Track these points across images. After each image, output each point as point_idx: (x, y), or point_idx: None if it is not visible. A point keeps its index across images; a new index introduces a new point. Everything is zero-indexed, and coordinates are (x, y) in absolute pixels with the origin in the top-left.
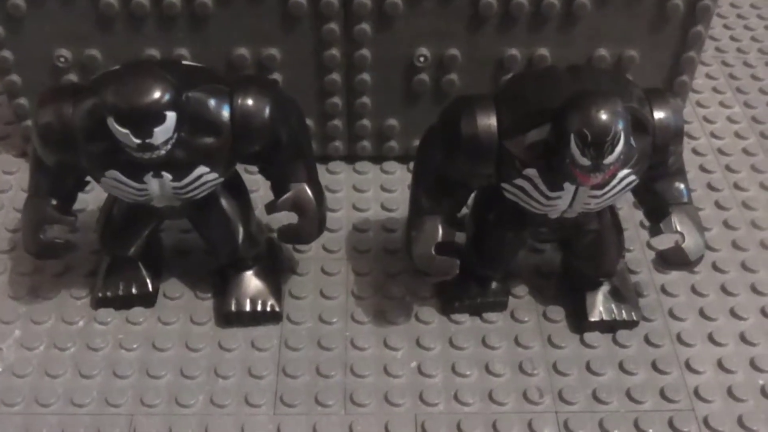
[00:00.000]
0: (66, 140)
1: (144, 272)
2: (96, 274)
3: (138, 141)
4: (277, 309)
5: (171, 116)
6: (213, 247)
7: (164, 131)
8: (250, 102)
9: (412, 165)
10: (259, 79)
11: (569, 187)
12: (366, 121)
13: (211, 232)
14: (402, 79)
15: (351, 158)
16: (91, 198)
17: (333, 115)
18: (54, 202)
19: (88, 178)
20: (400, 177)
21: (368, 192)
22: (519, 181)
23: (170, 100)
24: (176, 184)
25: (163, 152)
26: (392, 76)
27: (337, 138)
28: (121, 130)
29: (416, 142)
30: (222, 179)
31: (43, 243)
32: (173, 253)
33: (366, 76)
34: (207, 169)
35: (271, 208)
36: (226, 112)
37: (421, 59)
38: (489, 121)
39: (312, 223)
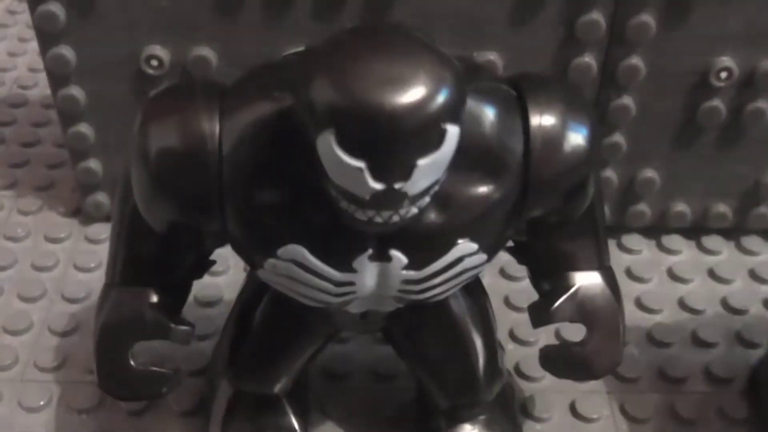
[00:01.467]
0: (204, 185)
1: (291, 417)
2: (203, 414)
3: (379, 185)
4: None
5: (452, 134)
6: (430, 380)
7: (435, 165)
8: (557, 119)
9: (666, 240)
10: (554, 79)
11: None
12: (610, 171)
13: (431, 356)
14: (683, 106)
15: None
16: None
17: None
18: (155, 297)
19: (215, 253)
20: (651, 258)
21: None
22: None
23: (456, 102)
24: (413, 273)
25: (416, 210)
26: (668, 101)
27: None
28: (348, 162)
29: (679, 207)
30: (487, 264)
31: (135, 374)
32: (325, 377)
33: (627, 100)
34: (473, 247)
35: (542, 315)
36: (517, 136)
37: (722, 75)
38: None
39: (612, 343)
